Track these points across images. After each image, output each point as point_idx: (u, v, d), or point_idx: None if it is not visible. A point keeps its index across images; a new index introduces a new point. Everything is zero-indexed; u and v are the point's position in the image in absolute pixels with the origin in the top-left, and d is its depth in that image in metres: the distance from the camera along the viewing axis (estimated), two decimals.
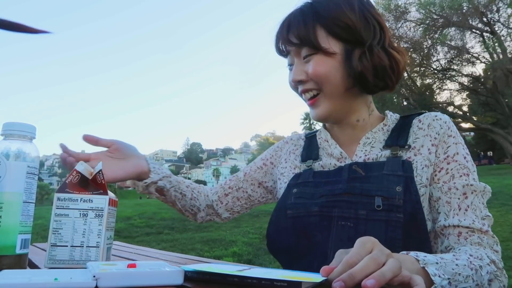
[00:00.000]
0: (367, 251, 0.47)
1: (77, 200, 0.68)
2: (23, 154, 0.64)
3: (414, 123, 0.83)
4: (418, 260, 0.53)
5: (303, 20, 0.79)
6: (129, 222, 9.63)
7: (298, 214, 0.80)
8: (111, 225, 0.73)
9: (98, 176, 0.70)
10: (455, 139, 0.78)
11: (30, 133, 0.66)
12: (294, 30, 0.79)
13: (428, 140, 0.79)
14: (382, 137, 0.84)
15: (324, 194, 0.79)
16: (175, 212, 1.01)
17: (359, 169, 0.79)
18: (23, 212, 0.63)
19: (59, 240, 0.66)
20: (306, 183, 0.84)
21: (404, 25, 21.26)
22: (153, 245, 6.85)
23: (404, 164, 0.75)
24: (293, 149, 0.99)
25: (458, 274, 0.56)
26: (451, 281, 0.55)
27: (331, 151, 0.88)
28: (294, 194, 0.84)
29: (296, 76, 0.81)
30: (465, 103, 26.88)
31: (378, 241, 0.49)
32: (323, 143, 0.92)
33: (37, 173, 0.67)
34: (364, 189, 0.74)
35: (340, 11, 0.77)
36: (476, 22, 20.59)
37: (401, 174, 0.74)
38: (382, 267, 0.44)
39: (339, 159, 0.86)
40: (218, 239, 7.41)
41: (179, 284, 0.50)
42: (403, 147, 0.79)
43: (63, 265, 0.65)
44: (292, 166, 0.95)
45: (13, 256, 0.61)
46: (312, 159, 0.90)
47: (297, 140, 1.01)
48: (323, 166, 0.87)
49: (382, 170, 0.76)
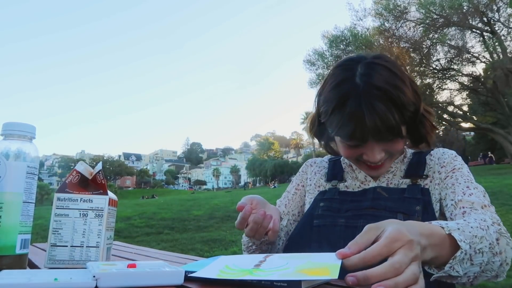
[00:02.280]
0: (389, 253, 0.46)
1: (77, 200, 0.68)
2: (23, 154, 0.64)
3: (427, 158, 0.93)
4: (442, 227, 0.56)
5: (391, 116, 0.77)
6: (129, 222, 9.63)
7: (325, 223, 0.87)
8: (111, 225, 0.73)
9: (98, 176, 0.70)
10: (461, 163, 0.89)
11: (30, 133, 0.66)
12: (385, 128, 0.77)
13: (438, 167, 0.90)
14: (402, 167, 0.93)
15: (350, 209, 0.87)
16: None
17: (383, 192, 0.87)
18: (23, 212, 0.63)
19: (59, 240, 0.66)
20: (333, 199, 0.91)
21: (404, 25, 21.25)
22: (153, 245, 6.85)
23: (422, 191, 0.86)
24: (317, 170, 1.05)
25: (475, 236, 0.59)
26: (470, 244, 0.57)
27: (356, 175, 0.95)
28: (321, 207, 0.91)
29: (379, 158, 0.83)
30: (465, 102, 26.89)
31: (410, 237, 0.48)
32: (347, 167, 0.99)
33: (37, 173, 0.67)
34: (387, 206, 0.83)
35: (405, 96, 0.78)
36: (476, 21, 20.56)
37: (420, 197, 0.84)
38: (398, 277, 0.44)
39: (363, 182, 0.93)
40: (218, 239, 7.42)
41: (179, 284, 0.50)
42: (421, 177, 0.89)
43: (63, 265, 0.65)
44: (317, 184, 1.01)
45: (13, 256, 0.61)
46: (337, 179, 0.97)
47: (321, 163, 1.08)
48: (348, 186, 0.94)
49: (403, 194, 0.85)
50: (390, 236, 0.47)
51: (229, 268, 0.54)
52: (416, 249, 0.48)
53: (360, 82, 0.78)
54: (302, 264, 0.51)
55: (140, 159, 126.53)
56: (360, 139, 0.80)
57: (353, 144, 0.83)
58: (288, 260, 0.54)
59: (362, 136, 0.78)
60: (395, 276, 0.44)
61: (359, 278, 0.43)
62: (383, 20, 21.17)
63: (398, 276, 0.44)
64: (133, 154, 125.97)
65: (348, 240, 0.77)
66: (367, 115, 0.76)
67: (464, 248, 0.55)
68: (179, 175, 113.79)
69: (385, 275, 0.43)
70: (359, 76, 0.79)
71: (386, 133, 0.78)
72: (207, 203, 12.91)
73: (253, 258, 0.57)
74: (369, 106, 0.76)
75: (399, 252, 0.46)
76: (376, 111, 0.76)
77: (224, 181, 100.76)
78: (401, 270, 0.44)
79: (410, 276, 0.44)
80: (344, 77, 0.80)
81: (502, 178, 12.00)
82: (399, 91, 0.77)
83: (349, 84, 0.79)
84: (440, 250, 0.54)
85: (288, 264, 0.52)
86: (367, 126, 0.76)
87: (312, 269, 0.48)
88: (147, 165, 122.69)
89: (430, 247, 0.52)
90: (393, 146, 0.83)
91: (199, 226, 9.32)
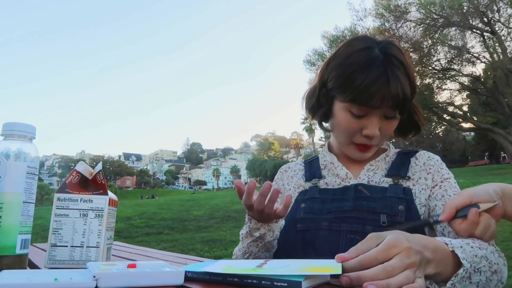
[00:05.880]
0: (386, 258, 0.48)
1: (77, 200, 0.68)
2: (23, 154, 0.63)
3: (412, 160, 0.93)
4: (446, 244, 0.57)
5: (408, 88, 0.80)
6: (129, 222, 9.63)
7: (308, 228, 0.86)
8: (111, 225, 0.73)
9: (98, 176, 0.70)
10: (447, 173, 0.90)
11: (30, 133, 0.66)
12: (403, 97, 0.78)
13: (424, 173, 0.90)
14: (384, 166, 0.93)
15: (332, 210, 0.85)
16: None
17: (364, 190, 0.87)
18: (23, 212, 0.63)
19: (59, 240, 0.66)
20: (314, 198, 0.90)
21: (404, 25, 21.25)
22: (153, 245, 6.85)
23: (404, 190, 0.86)
24: (293, 174, 1.04)
25: (475, 255, 0.59)
26: (471, 263, 0.58)
27: (337, 172, 0.95)
28: (303, 209, 0.89)
29: (376, 132, 0.83)
30: (465, 103, 26.88)
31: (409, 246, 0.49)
32: (328, 165, 0.98)
33: (37, 173, 0.67)
34: (370, 207, 0.83)
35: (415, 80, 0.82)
36: (476, 22, 20.55)
37: (402, 197, 0.84)
38: (390, 279, 0.45)
39: (344, 179, 0.92)
40: (218, 239, 7.41)
41: (179, 284, 0.50)
42: (403, 178, 0.89)
43: (63, 265, 0.65)
44: (296, 186, 1.00)
45: (13, 256, 0.61)
46: (317, 177, 0.96)
47: (295, 166, 1.07)
48: (328, 183, 0.93)
49: (385, 193, 0.85)
50: (388, 242, 0.49)
51: (231, 267, 0.54)
52: (414, 257, 0.49)
53: (380, 53, 0.80)
54: (304, 265, 0.52)
55: (140, 159, 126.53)
56: (378, 105, 0.78)
57: (361, 114, 0.81)
58: (289, 263, 0.55)
59: (381, 102, 0.78)
60: (387, 277, 0.46)
61: (352, 278, 0.46)
62: (383, 20, 21.17)
63: (391, 278, 0.46)
64: (133, 154, 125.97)
65: (333, 245, 0.81)
66: (392, 82, 0.77)
67: (466, 266, 0.55)
68: (179, 175, 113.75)
69: (377, 276, 0.46)
70: (379, 48, 0.81)
71: (401, 104, 0.79)
72: (207, 203, 12.93)
73: (254, 262, 0.58)
74: (393, 74, 0.77)
75: (395, 258, 0.48)
76: (399, 79, 0.78)
77: (224, 181, 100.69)
78: (393, 274, 0.46)
79: (403, 280, 0.46)
80: (364, 46, 0.82)
81: (502, 179, 12.01)
82: (411, 70, 0.81)
83: (371, 52, 0.80)
84: (443, 266, 0.54)
85: (290, 266, 0.53)
86: (391, 92, 0.77)
87: (315, 268, 0.50)
88: (147, 165, 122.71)
89: (435, 262, 0.53)
90: (388, 126, 0.84)
91: (199, 226, 9.32)
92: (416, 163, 0.92)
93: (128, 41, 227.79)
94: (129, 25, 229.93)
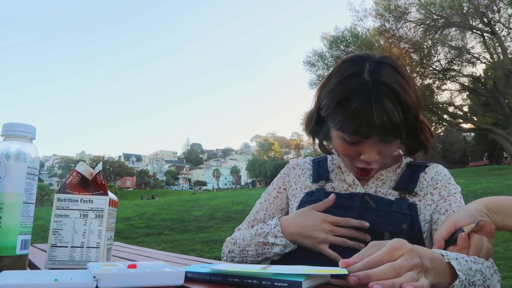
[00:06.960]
0: (391, 260, 0.49)
1: (77, 200, 0.68)
2: (23, 155, 0.63)
3: (421, 175, 0.92)
4: (442, 255, 0.57)
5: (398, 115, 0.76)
6: (129, 223, 9.63)
7: None
8: (111, 225, 0.73)
9: (98, 176, 0.70)
10: (455, 188, 0.90)
11: (30, 133, 0.66)
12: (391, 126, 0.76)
13: (431, 188, 0.90)
14: (393, 177, 0.93)
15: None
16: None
17: (371, 200, 0.87)
18: (23, 213, 0.63)
19: (59, 240, 0.66)
20: (319, 201, 0.88)
21: (404, 26, 21.25)
22: (153, 246, 6.85)
23: (410, 206, 0.86)
24: (301, 173, 1.03)
25: (470, 269, 0.59)
26: (466, 276, 0.58)
27: (344, 178, 0.94)
28: None
29: (374, 158, 0.81)
30: (466, 103, 26.87)
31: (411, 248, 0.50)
32: (336, 169, 0.98)
33: (37, 174, 0.67)
34: (375, 223, 0.83)
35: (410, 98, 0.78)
36: (476, 22, 20.54)
37: (407, 213, 0.84)
38: (396, 278, 0.46)
39: (350, 185, 0.92)
40: (218, 240, 7.41)
41: (179, 284, 0.50)
42: (410, 193, 0.89)
43: (63, 265, 0.65)
44: (302, 186, 0.99)
45: (13, 256, 0.61)
46: (324, 179, 0.96)
47: (303, 164, 1.05)
48: (335, 188, 0.93)
49: (391, 207, 0.85)
50: (392, 245, 0.50)
51: (236, 268, 0.54)
52: (417, 259, 0.50)
53: (368, 78, 0.77)
54: (307, 269, 0.52)
55: (140, 160, 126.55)
56: (365, 135, 0.77)
57: (354, 141, 0.80)
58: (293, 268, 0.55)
59: (367, 132, 0.76)
60: (394, 277, 0.46)
61: (361, 277, 0.46)
62: (383, 20, 21.17)
63: (397, 278, 0.46)
64: (133, 154, 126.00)
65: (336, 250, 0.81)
66: (376, 111, 0.74)
67: (461, 278, 0.55)
68: (179, 175, 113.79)
69: (385, 274, 0.46)
70: (368, 72, 0.78)
71: (390, 131, 0.77)
72: (207, 203, 12.90)
73: (257, 266, 0.58)
74: (378, 103, 0.75)
75: (400, 258, 0.49)
76: (384, 108, 0.75)
77: (225, 181, 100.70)
78: (400, 273, 0.47)
79: (408, 280, 0.46)
80: (353, 72, 0.79)
81: (502, 179, 12.00)
82: (405, 93, 0.77)
83: (358, 79, 0.78)
84: (441, 277, 0.54)
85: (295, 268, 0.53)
86: (375, 122, 0.75)
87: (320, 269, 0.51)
88: (147, 166, 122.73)
89: (434, 271, 0.53)
90: (388, 149, 0.82)
91: (199, 226, 9.31)
92: (424, 177, 0.92)
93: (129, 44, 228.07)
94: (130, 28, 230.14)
